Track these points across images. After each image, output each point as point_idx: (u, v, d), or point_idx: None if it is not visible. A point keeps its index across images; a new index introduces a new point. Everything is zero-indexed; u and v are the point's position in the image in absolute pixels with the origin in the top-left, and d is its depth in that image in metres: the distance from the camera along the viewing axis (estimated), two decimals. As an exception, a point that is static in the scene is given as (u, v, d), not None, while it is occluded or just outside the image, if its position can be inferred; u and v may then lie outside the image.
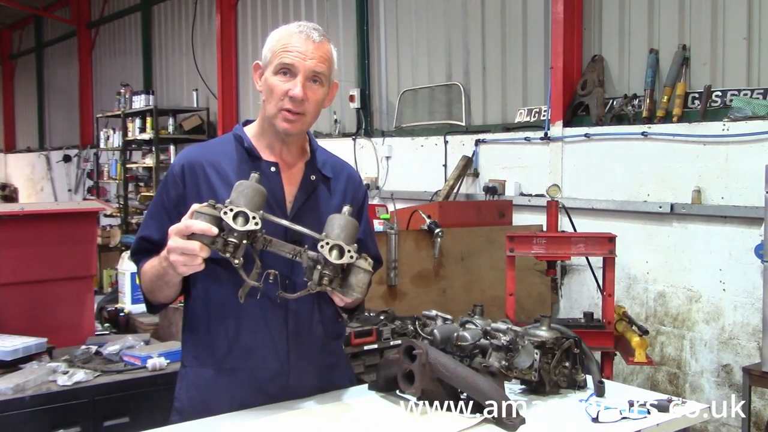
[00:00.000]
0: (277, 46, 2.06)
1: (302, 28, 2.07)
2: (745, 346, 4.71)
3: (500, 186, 6.20)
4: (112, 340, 3.27)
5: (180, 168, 2.09)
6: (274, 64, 2.05)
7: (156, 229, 2.07)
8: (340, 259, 1.85)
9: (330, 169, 2.23)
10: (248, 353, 2.12)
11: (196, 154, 2.14)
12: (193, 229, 1.80)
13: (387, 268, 4.71)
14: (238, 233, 1.81)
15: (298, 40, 2.05)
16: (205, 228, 1.79)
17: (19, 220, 3.27)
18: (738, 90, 4.81)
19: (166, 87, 11.90)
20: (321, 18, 8.53)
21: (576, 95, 5.74)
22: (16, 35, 17.40)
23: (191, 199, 1.98)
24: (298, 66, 2.04)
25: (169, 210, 2.06)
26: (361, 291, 1.91)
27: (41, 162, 15.63)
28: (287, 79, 2.05)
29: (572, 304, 5.72)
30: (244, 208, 1.82)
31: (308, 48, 2.06)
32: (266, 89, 2.08)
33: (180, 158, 2.15)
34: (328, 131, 8.35)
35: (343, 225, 1.90)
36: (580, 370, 2.31)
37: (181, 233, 1.81)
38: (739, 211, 4.66)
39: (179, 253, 1.80)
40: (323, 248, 1.85)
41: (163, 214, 2.08)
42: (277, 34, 2.09)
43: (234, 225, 1.80)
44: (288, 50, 2.04)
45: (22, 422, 2.67)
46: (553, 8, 5.83)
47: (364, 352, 3.58)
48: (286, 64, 2.04)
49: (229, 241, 1.81)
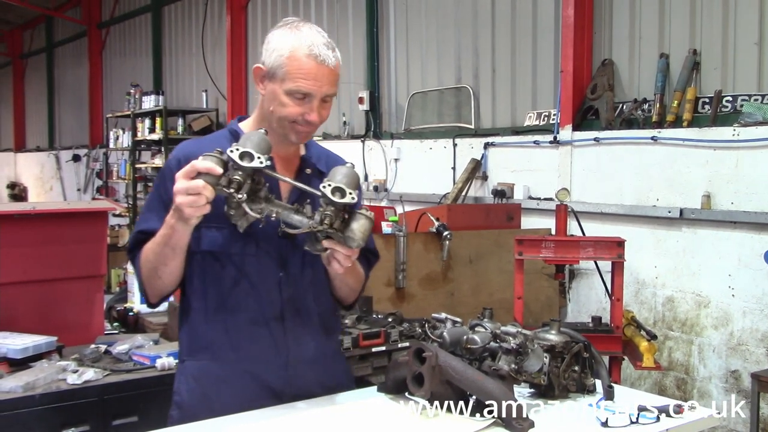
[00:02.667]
0: (290, 66, 2.02)
1: (316, 51, 2.02)
2: (753, 352, 4.69)
3: (509, 189, 6.19)
4: (121, 339, 3.29)
5: (177, 162, 2.07)
6: (288, 87, 2.02)
7: (155, 222, 2.06)
8: (342, 199, 1.87)
9: (324, 164, 2.22)
10: (246, 345, 2.13)
11: (192, 148, 2.12)
12: (198, 167, 1.84)
13: (395, 270, 4.72)
14: (244, 170, 1.86)
15: (315, 67, 2.02)
16: (210, 167, 1.84)
17: (30, 219, 3.29)
18: (749, 95, 4.79)
19: (175, 88, 11.94)
20: (331, 20, 8.55)
21: (586, 99, 5.73)
22: (27, 35, 17.49)
23: None
24: (314, 93, 2.03)
25: (167, 203, 2.01)
26: (362, 237, 1.90)
27: (51, 161, 15.70)
28: (300, 102, 2.04)
29: (580, 308, 5.71)
30: (250, 149, 1.87)
31: (323, 74, 2.03)
32: (274, 101, 2.06)
33: (176, 152, 2.16)
34: (337, 133, 8.36)
35: (345, 173, 1.93)
36: (589, 374, 2.31)
37: (187, 175, 1.85)
38: (748, 216, 4.65)
39: (185, 192, 1.83)
40: (326, 188, 1.88)
41: (162, 207, 2.07)
42: (288, 48, 2.03)
43: (240, 162, 1.85)
44: (304, 78, 2.01)
45: (32, 420, 2.69)
46: (563, 12, 5.82)
47: (373, 354, 3.58)
48: (302, 92, 2.02)
49: (234, 179, 1.86)
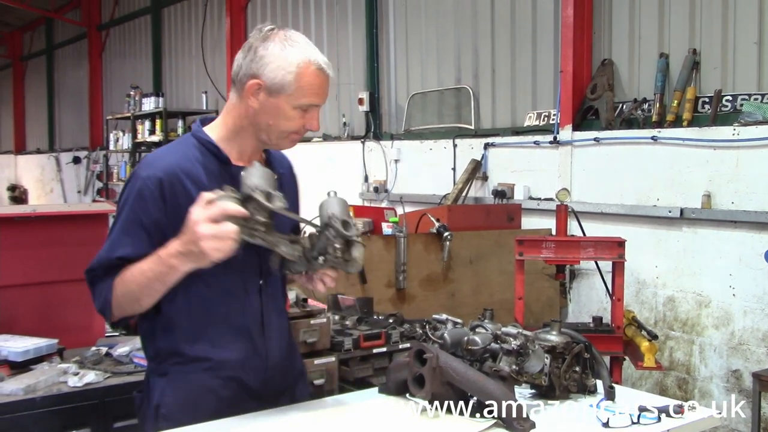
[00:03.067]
0: (301, 82, 2.04)
1: (322, 64, 2.08)
2: (754, 352, 4.69)
3: (509, 190, 6.19)
4: (122, 341, 3.28)
5: (158, 182, 2.00)
6: (300, 102, 2.05)
7: (134, 247, 1.99)
8: (349, 231, 1.94)
9: (279, 165, 2.28)
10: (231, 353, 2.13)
11: (168, 163, 2.05)
12: (230, 212, 1.82)
13: (396, 271, 4.72)
14: (269, 212, 1.89)
15: (323, 80, 2.09)
16: (238, 210, 1.84)
17: (30, 221, 3.29)
18: (748, 94, 4.79)
19: (175, 89, 11.94)
20: (331, 21, 8.56)
21: (586, 99, 5.73)
22: (27, 37, 17.50)
23: (172, 215, 1.97)
24: (320, 104, 2.12)
25: (148, 227, 2.00)
26: (362, 262, 2.01)
27: (51, 163, 15.70)
28: (305, 114, 2.09)
29: (581, 308, 5.71)
30: (269, 190, 1.90)
31: (327, 84, 2.11)
32: (277, 116, 2.06)
33: (152, 170, 2.04)
34: (337, 134, 8.37)
35: (342, 204, 2.01)
36: (590, 374, 2.31)
37: (212, 219, 1.82)
38: (749, 216, 4.65)
39: (212, 238, 1.81)
40: (335, 222, 1.93)
41: (141, 231, 2.00)
42: (295, 66, 2.04)
43: (268, 203, 1.87)
44: (316, 93, 2.07)
45: (33, 423, 2.69)
46: (563, 12, 5.82)
47: (373, 355, 3.58)
48: (314, 105, 2.09)
49: (257, 221, 1.87)
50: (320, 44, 8.76)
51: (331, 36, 8.58)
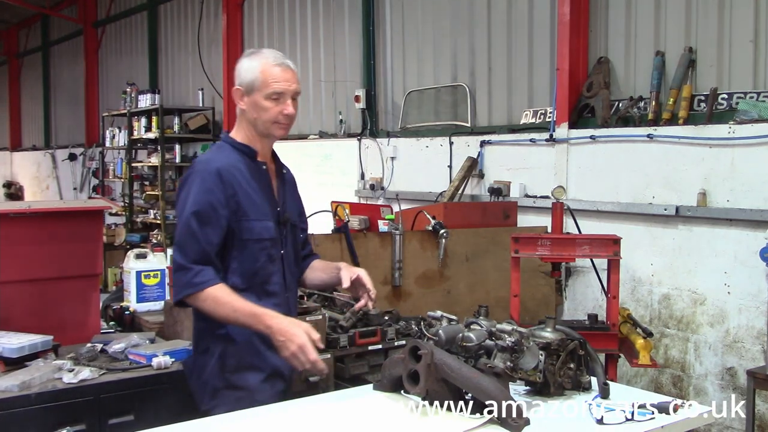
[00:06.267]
0: (264, 76, 2.56)
1: (279, 60, 2.59)
2: (749, 350, 4.71)
3: (505, 187, 6.20)
4: (117, 338, 3.28)
5: (216, 172, 2.51)
6: (266, 92, 2.56)
7: (217, 234, 2.50)
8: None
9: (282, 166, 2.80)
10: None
11: (220, 160, 2.56)
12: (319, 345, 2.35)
13: (392, 268, 4.72)
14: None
15: (281, 72, 2.57)
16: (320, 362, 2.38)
17: (25, 218, 3.28)
18: (744, 93, 4.80)
19: (171, 86, 11.92)
20: (327, 18, 8.55)
21: (582, 97, 5.73)
22: (22, 34, 17.45)
23: (227, 198, 2.49)
24: (286, 92, 2.58)
25: (221, 210, 2.49)
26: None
27: (47, 160, 15.67)
28: (277, 102, 2.57)
29: (576, 305, 5.72)
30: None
31: (290, 75, 2.60)
32: (257, 109, 2.58)
33: (209, 165, 2.54)
34: (334, 131, 8.36)
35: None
36: (585, 371, 2.31)
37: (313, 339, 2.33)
38: (744, 213, 4.66)
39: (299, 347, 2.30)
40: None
41: (219, 216, 2.49)
42: (258, 66, 2.57)
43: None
44: (276, 81, 2.56)
45: (28, 419, 2.68)
46: (559, 10, 5.82)
47: (369, 352, 3.58)
48: (278, 93, 2.56)
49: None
50: (316, 41, 8.77)
51: (328, 33, 8.57)
